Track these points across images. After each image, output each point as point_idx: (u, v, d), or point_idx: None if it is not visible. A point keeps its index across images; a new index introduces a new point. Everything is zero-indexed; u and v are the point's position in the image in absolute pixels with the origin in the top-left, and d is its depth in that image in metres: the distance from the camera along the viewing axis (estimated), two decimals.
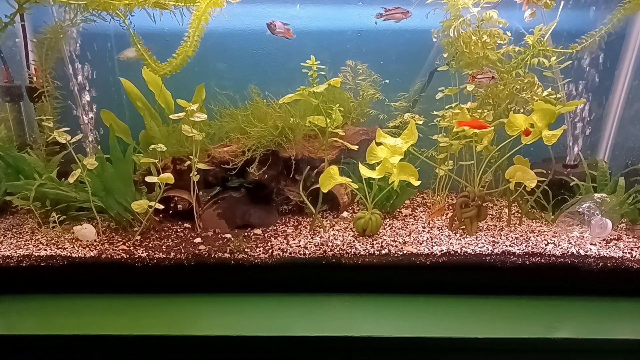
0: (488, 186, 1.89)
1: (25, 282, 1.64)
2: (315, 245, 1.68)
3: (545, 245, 1.68)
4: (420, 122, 1.94)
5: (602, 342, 1.45)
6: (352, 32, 2.09)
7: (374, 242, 1.71)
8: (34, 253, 1.64)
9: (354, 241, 1.71)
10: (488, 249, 1.66)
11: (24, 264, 1.62)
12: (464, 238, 1.75)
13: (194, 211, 1.80)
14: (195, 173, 1.73)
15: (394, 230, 1.83)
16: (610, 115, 2.05)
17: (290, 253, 1.65)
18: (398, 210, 2.03)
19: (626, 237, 1.77)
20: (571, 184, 1.90)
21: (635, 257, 1.63)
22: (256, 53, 2.10)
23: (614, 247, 1.69)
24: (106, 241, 1.71)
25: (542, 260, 1.63)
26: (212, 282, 1.66)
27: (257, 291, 1.64)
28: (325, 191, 1.73)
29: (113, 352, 1.51)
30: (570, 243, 1.70)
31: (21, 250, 1.66)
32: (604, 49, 1.86)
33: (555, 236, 1.76)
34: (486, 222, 1.89)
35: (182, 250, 1.65)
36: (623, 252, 1.65)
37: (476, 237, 1.75)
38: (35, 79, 1.94)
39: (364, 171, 1.71)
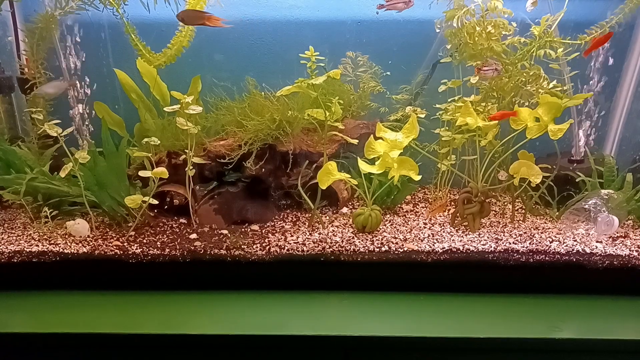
0: (492, 182, 1.85)
1: (17, 279, 1.61)
2: (314, 242, 1.64)
3: (550, 242, 1.64)
4: (422, 116, 1.89)
5: (607, 343, 1.41)
6: (352, 23, 2.03)
7: (374, 238, 1.67)
8: (25, 249, 1.61)
9: (353, 238, 1.67)
10: (491, 246, 1.62)
11: (16, 260, 1.59)
12: (466, 235, 1.71)
13: (190, 206, 1.76)
14: (191, 167, 1.69)
15: (395, 227, 1.79)
16: (618, 108, 2.00)
17: (288, 250, 1.62)
18: (399, 206, 1.99)
19: (633, 235, 1.73)
20: (577, 180, 1.85)
21: None
22: (253, 44, 2.05)
23: (621, 244, 1.65)
24: (100, 237, 1.68)
25: (547, 258, 1.59)
26: (207, 279, 1.63)
27: (254, 289, 1.61)
28: (324, 188, 1.69)
29: (106, 350, 1.48)
30: (575, 240, 1.66)
31: (13, 245, 1.63)
32: (612, 40, 1.80)
33: (560, 233, 1.72)
34: (489, 219, 1.85)
35: (178, 247, 1.62)
36: (630, 250, 1.61)
37: (479, 234, 1.71)
38: (26, 69, 1.90)
39: (364, 166, 1.67)
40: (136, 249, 1.61)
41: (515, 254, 1.60)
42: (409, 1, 1.76)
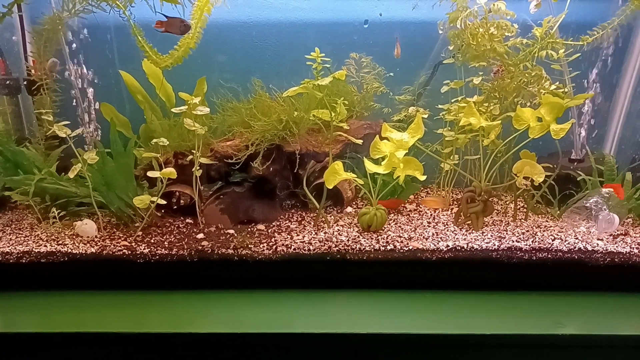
0: (495, 181, 1.87)
1: (25, 279, 1.62)
2: (320, 241, 1.66)
3: (552, 240, 1.67)
4: (425, 116, 1.92)
5: (609, 338, 1.44)
6: (358, 24, 2.05)
7: (379, 237, 1.69)
8: (33, 249, 1.61)
9: (358, 237, 1.69)
10: (494, 245, 1.65)
11: (24, 261, 1.60)
12: (470, 233, 1.73)
13: (197, 206, 1.78)
14: (198, 168, 1.71)
15: (399, 226, 1.81)
16: (617, 108, 2.03)
17: (294, 249, 1.63)
18: (403, 205, 2.01)
19: (633, 232, 1.76)
20: (578, 179, 1.88)
21: None
22: (259, 45, 2.06)
23: (621, 242, 1.68)
24: (107, 237, 1.69)
25: (549, 256, 1.62)
26: (215, 279, 1.64)
27: (261, 287, 1.62)
28: (330, 187, 1.70)
29: (114, 349, 1.49)
30: (577, 238, 1.69)
31: (21, 246, 1.63)
32: (612, 41, 1.83)
33: (562, 231, 1.75)
34: (492, 218, 1.87)
35: (185, 246, 1.63)
36: (630, 247, 1.64)
37: (482, 233, 1.74)
38: (33, 71, 1.90)
39: (370, 166, 1.69)
40: (144, 248, 1.62)
41: (518, 252, 1.62)
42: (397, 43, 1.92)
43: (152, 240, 1.67)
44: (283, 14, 2.04)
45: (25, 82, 1.93)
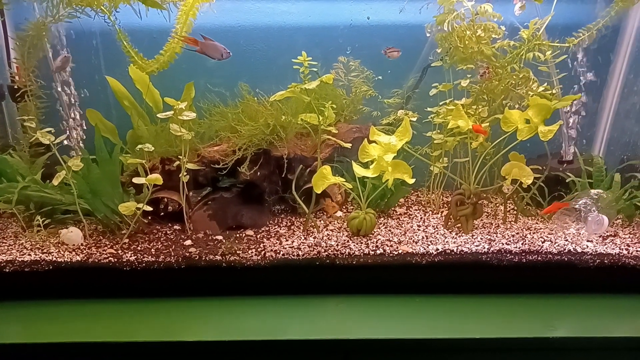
0: (484, 184, 1.86)
1: (9, 289, 1.59)
2: (309, 246, 1.65)
3: (542, 242, 1.67)
4: (414, 119, 1.91)
5: (600, 340, 1.43)
6: (344, 28, 2.05)
7: (369, 241, 1.68)
8: (17, 258, 1.59)
9: (348, 241, 1.68)
10: (484, 247, 1.64)
11: (7, 270, 1.57)
12: (459, 236, 1.72)
13: (184, 212, 1.76)
14: (185, 173, 1.69)
15: (389, 230, 1.80)
16: (605, 109, 2.03)
17: (283, 254, 1.62)
18: (392, 209, 2.00)
19: (622, 234, 1.76)
20: (567, 180, 1.88)
21: (631, 253, 1.62)
22: (246, 50, 2.05)
23: (611, 243, 1.68)
24: (93, 245, 1.67)
25: (539, 258, 1.61)
26: (203, 286, 1.63)
27: (250, 294, 1.60)
28: (319, 192, 1.69)
29: (101, 359, 1.46)
30: (566, 240, 1.69)
31: (4, 255, 1.61)
32: (599, 42, 1.84)
33: (552, 233, 1.74)
34: (482, 220, 1.87)
35: (172, 253, 1.61)
36: (620, 249, 1.64)
37: (472, 236, 1.73)
38: (17, 77, 1.88)
39: (358, 170, 1.68)
40: (130, 256, 1.60)
41: (508, 255, 1.62)
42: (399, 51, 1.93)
43: (139, 248, 1.65)
44: (271, 18, 2.04)
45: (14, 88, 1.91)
